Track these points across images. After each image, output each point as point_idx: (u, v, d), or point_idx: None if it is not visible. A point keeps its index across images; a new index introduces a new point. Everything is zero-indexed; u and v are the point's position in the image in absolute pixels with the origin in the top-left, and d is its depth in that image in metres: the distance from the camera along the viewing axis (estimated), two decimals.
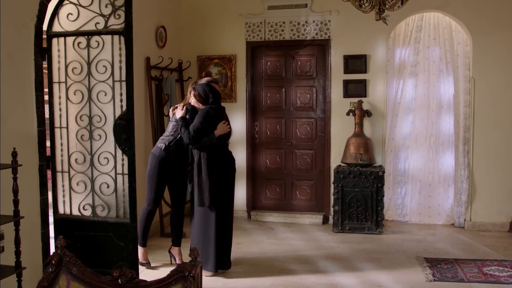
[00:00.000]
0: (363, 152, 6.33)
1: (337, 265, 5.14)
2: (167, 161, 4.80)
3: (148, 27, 6.16)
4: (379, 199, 6.27)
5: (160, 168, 4.81)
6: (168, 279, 1.76)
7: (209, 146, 4.62)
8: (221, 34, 7.06)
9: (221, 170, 4.74)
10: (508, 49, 6.32)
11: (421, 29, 6.76)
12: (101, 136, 3.90)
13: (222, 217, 4.74)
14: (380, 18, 4.52)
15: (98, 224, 3.93)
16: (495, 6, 6.33)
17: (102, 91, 3.87)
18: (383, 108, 6.74)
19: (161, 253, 5.45)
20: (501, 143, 6.28)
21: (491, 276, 4.81)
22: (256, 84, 7.12)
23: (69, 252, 1.97)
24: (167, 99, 6.36)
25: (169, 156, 4.79)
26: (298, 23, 6.87)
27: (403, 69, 6.80)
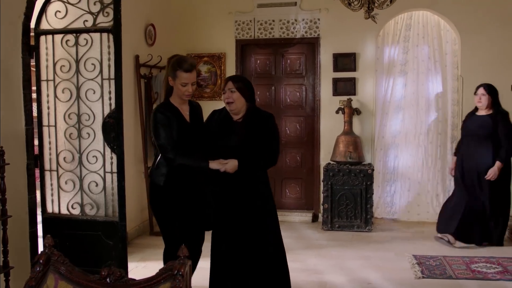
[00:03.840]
0: (352, 150, 6.35)
1: (326, 263, 5.15)
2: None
3: (137, 25, 6.14)
4: (369, 197, 6.29)
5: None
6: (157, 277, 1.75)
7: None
8: (210, 32, 7.05)
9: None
10: (496, 48, 6.37)
11: (410, 28, 6.79)
12: (90, 134, 3.88)
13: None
14: (369, 16, 4.54)
15: (87, 223, 3.91)
16: (483, 5, 6.38)
17: (91, 89, 3.84)
18: (372, 106, 6.76)
19: (150, 251, 5.44)
20: None
21: (479, 272, 4.85)
22: None
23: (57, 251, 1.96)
24: (156, 97, 6.34)
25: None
26: (287, 21, 6.87)
27: (393, 67, 6.83)
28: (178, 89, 3.63)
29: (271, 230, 3.78)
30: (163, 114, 3.58)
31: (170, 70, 3.66)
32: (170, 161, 3.55)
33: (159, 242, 5.40)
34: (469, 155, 5.58)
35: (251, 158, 3.63)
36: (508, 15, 6.34)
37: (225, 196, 3.71)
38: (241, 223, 3.68)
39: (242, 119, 3.71)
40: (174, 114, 3.62)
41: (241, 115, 3.72)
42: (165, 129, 3.55)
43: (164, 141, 3.54)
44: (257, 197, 3.71)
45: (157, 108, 3.73)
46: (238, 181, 3.63)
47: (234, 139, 3.66)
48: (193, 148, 3.66)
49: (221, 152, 3.64)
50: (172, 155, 3.52)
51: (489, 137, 5.47)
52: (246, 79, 3.91)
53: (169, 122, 3.57)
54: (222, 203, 3.72)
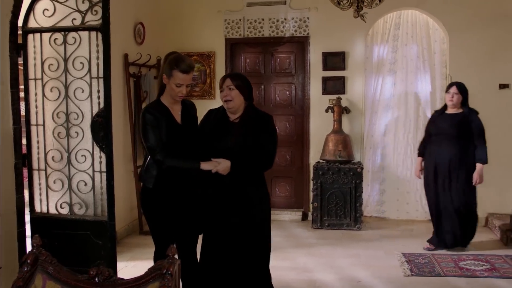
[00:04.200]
0: (341, 149, 6.37)
1: (316, 261, 5.16)
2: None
3: (126, 23, 6.11)
4: (358, 195, 6.31)
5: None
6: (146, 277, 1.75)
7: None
8: (200, 30, 7.04)
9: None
10: (484, 47, 6.42)
11: (399, 27, 6.82)
12: (78, 133, 3.86)
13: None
14: (358, 15, 4.56)
15: (76, 222, 3.89)
16: (471, 5, 6.42)
17: (79, 88, 3.82)
18: (361, 105, 6.79)
19: (140, 251, 5.42)
20: None
21: (467, 270, 4.88)
22: None
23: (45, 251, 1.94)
24: (145, 96, 6.32)
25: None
26: (277, 20, 6.87)
27: (382, 66, 6.86)
28: (171, 89, 3.46)
29: (264, 235, 3.68)
30: (151, 114, 3.43)
31: (166, 67, 3.46)
32: (159, 163, 3.41)
33: (148, 242, 5.38)
34: (442, 155, 5.33)
35: (245, 160, 3.49)
36: (496, 14, 6.39)
37: (217, 198, 3.57)
38: (233, 227, 3.55)
39: (239, 120, 3.58)
40: (163, 114, 3.46)
41: (238, 114, 3.59)
42: (153, 130, 3.40)
43: (153, 143, 3.40)
44: (251, 200, 3.56)
45: (146, 108, 3.56)
46: (231, 183, 3.50)
47: (230, 140, 3.52)
48: (184, 149, 3.51)
49: (217, 153, 3.50)
50: (161, 157, 3.39)
51: (462, 136, 5.27)
52: (244, 76, 3.76)
53: (158, 122, 3.41)
54: (213, 206, 3.58)
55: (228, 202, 3.55)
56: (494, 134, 6.28)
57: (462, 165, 5.26)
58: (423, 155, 5.57)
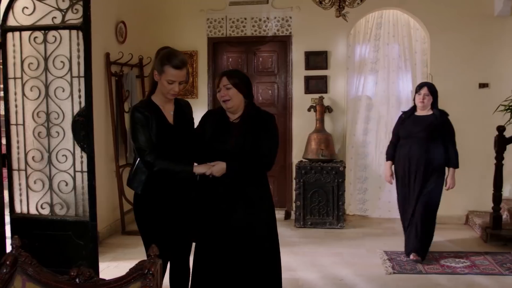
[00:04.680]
0: (324, 148, 6.40)
1: (299, 260, 5.18)
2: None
3: (108, 22, 6.07)
4: (340, 194, 6.34)
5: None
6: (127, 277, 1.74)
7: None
8: (182, 29, 7.01)
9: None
10: (463, 46, 6.49)
11: (380, 26, 6.86)
12: (59, 133, 3.82)
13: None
14: (340, 14, 4.58)
15: (57, 223, 3.85)
16: (452, 5, 6.49)
17: (60, 87, 3.78)
18: (344, 104, 6.82)
19: (122, 251, 5.39)
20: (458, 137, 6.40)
21: (448, 267, 4.94)
22: None
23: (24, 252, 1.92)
24: (127, 95, 6.28)
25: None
26: (259, 19, 6.88)
27: (364, 65, 6.90)
28: (163, 86, 3.25)
29: (271, 238, 3.42)
30: (141, 113, 3.21)
31: (157, 63, 3.26)
32: (149, 166, 3.18)
33: (131, 242, 5.37)
34: (413, 159, 5.02)
35: (241, 161, 3.25)
36: (475, 14, 6.46)
37: (212, 204, 3.32)
38: (234, 232, 3.28)
39: (240, 120, 3.35)
40: (154, 113, 3.24)
41: (239, 114, 3.37)
42: (143, 130, 3.18)
43: (142, 144, 3.18)
44: (251, 201, 3.31)
45: (135, 106, 3.33)
46: (229, 183, 3.26)
47: (230, 142, 3.28)
48: (176, 152, 3.28)
49: (217, 155, 3.25)
50: (150, 159, 3.15)
51: (433, 139, 5.00)
52: (242, 73, 3.56)
53: (148, 122, 3.19)
54: (208, 212, 3.33)
55: (224, 208, 3.28)
56: (474, 133, 6.39)
57: (433, 170, 4.99)
58: (392, 158, 5.28)
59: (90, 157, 3.75)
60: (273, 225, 3.45)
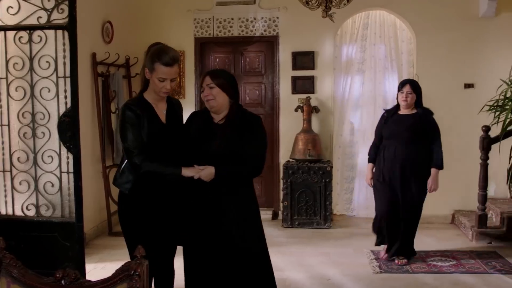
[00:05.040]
0: (311, 148, 6.41)
1: (286, 260, 5.18)
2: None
3: (94, 22, 6.03)
4: (328, 194, 6.36)
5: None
6: (113, 278, 1.73)
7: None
8: (169, 30, 6.99)
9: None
10: (449, 47, 6.54)
11: (367, 27, 6.90)
12: (45, 133, 3.79)
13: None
14: (327, 15, 4.60)
15: (43, 224, 3.82)
16: (438, 6, 6.54)
17: (46, 88, 3.75)
18: (331, 104, 6.85)
19: (109, 252, 5.37)
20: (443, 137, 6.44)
21: (434, 266, 4.97)
22: None
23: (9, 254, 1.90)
24: (114, 96, 6.25)
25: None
26: (246, 19, 6.88)
27: (350, 66, 6.93)
28: (154, 84, 3.14)
29: (258, 238, 3.38)
30: (132, 111, 3.07)
31: (148, 60, 3.14)
32: (135, 167, 3.08)
33: (118, 243, 5.33)
34: (396, 160, 4.86)
35: (230, 166, 3.16)
36: (460, 15, 6.52)
37: (200, 207, 3.21)
38: (218, 238, 3.18)
39: (224, 121, 3.23)
40: (146, 112, 3.12)
41: (223, 115, 3.24)
42: (133, 129, 3.06)
43: (131, 144, 3.07)
44: (236, 206, 3.22)
45: (126, 104, 3.19)
46: (215, 191, 3.16)
47: (214, 145, 3.16)
48: (167, 152, 3.18)
49: (200, 159, 3.15)
50: (138, 160, 3.05)
51: (417, 139, 4.86)
52: (227, 72, 3.45)
53: (139, 121, 3.07)
54: (196, 215, 3.22)
55: (212, 212, 3.19)
56: (459, 132, 6.44)
57: (417, 171, 4.85)
58: (374, 161, 5.10)
59: (76, 157, 3.73)
60: (261, 226, 3.42)
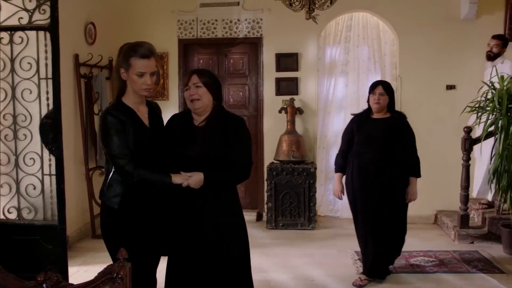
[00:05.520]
0: (295, 149, 6.43)
1: (271, 261, 5.19)
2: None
3: (76, 23, 5.99)
4: (312, 195, 6.38)
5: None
6: (96, 281, 1.71)
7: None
8: (152, 31, 6.96)
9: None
10: (431, 49, 6.61)
11: (350, 29, 6.93)
12: (27, 135, 3.75)
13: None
14: (310, 17, 4.61)
15: (24, 227, 3.77)
16: (420, 8, 6.61)
17: (27, 89, 3.71)
18: (314, 105, 6.87)
19: (92, 255, 5.32)
20: (426, 138, 6.53)
21: (417, 266, 5.01)
22: None
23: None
24: (97, 97, 6.21)
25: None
26: (230, 21, 6.88)
27: (334, 67, 6.96)
28: (134, 83, 2.96)
29: (238, 251, 3.23)
30: (114, 117, 2.89)
31: (122, 59, 2.97)
32: (127, 176, 2.88)
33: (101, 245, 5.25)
34: (370, 170, 4.40)
35: (219, 171, 3.04)
36: (442, 17, 6.60)
37: (183, 213, 3.09)
38: (201, 244, 3.08)
39: (205, 123, 3.11)
40: (129, 117, 2.94)
41: (205, 117, 3.13)
42: (118, 136, 2.87)
43: (119, 151, 2.87)
44: (220, 211, 3.10)
45: (108, 110, 2.98)
46: (198, 196, 3.03)
47: (195, 148, 3.04)
48: (154, 158, 3.02)
49: (181, 163, 3.03)
50: (130, 168, 2.86)
51: (393, 145, 4.42)
52: (212, 72, 3.33)
53: (124, 127, 2.89)
54: (179, 222, 3.10)
55: (197, 220, 3.07)
56: (442, 133, 6.51)
57: (394, 182, 4.42)
58: (343, 170, 4.64)
59: (58, 160, 3.69)
60: (244, 230, 3.32)
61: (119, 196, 2.96)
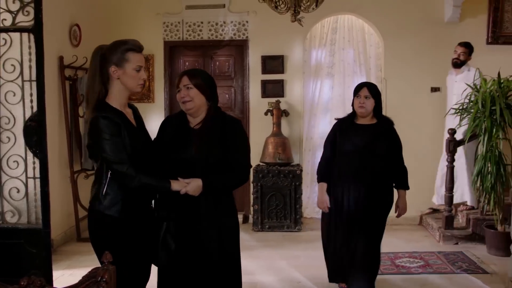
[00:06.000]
0: (281, 152, 6.44)
1: (257, 264, 5.19)
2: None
3: (61, 25, 5.95)
4: (298, 197, 6.39)
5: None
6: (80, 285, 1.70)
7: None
8: (138, 33, 6.91)
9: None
10: (416, 51, 6.67)
11: (336, 31, 6.97)
12: (10, 138, 3.71)
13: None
14: (296, 19, 4.62)
15: (8, 231, 3.73)
16: (404, 11, 6.67)
17: (11, 91, 3.68)
18: (300, 108, 6.89)
19: (77, 258, 5.29)
20: (411, 140, 6.57)
21: (403, 267, 5.05)
22: (174, 84, 7.01)
23: None
24: (82, 100, 6.17)
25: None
26: (216, 23, 6.88)
27: (320, 70, 6.99)
28: (131, 78, 2.84)
29: (230, 259, 3.22)
30: (108, 119, 2.73)
31: (114, 55, 2.87)
32: (130, 181, 2.73)
33: (87, 249, 5.24)
34: (354, 182, 3.99)
35: (217, 176, 2.94)
36: (426, 20, 6.66)
37: (180, 223, 2.98)
38: (195, 253, 3.00)
39: (201, 125, 3.02)
40: (121, 119, 2.80)
41: (200, 119, 3.04)
42: (115, 140, 2.73)
43: (117, 156, 2.72)
44: (215, 220, 3.03)
45: (99, 112, 2.77)
46: (198, 204, 2.94)
47: (190, 150, 2.94)
48: (149, 162, 2.90)
49: (175, 166, 2.94)
50: (132, 172, 2.71)
51: (380, 153, 4.00)
52: (205, 72, 3.23)
53: (120, 130, 2.75)
54: (176, 233, 2.98)
55: (193, 228, 2.98)
56: (426, 135, 6.56)
57: (379, 196, 4.04)
58: (327, 179, 4.21)
59: (43, 162, 3.66)
60: (237, 239, 3.33)
61: (120, 204, 2.79)
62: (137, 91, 2.99)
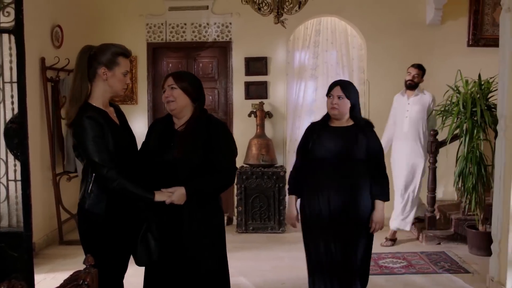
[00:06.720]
0: (265, 153, 6.45)
1: (241, 265, 5.18)
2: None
3: (43, 26, 5.90)
4: (281, 198, 6.40)
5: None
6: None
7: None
8: (121, 34, 6.89)
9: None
10: (398, 53, 6.72)
11: (319, 33, 7.00)
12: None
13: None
14: (279, 21, 4.63)
15: None
16: (387, 13, 6.72)
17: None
18: (284, 109, 6.91)
19: (60, 262, 5.24)
20: None
21: (386, 268, 5.08)
22: (157, 86, 7.02)
23: None
24: (64, 101, 6.11)
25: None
26: (199, 24, 6.87)
27: (303, 71, 7.01)
28: (118, 82, 2.91)
29: (216, 264, 3.21)
30: (92, 119, 2.78)
31: (105, 57, 2.89)
32: (109, 183, 2.77)
33: (69, 252, 5.22)
34: (329, 192, 3.47)
35: (201, 181, 2.94)
36: (408, 22, 6.73)
37: (162, 225, 2.97)
38: (180, 258, 3.01)
39: (185, 127, 3.01)
40: (104, 119, 2.84)
41: (184, 120, 3.04)
42: (98, 140, 2.78)
43: (100, 157, 2.76)
44: (200, 224, 3.03)
45: (84, 113, 2.82)
46: (181, 207, 2.93)
47: (173, 152, 2.93)
48: (133, 162, 2.94)
49: (158, 168, 2.95)
50: (112, 175, 2.75)
51: (359, 159, 3.47)
52: (192, 75, 3.25)
53: (103, 131, 2.80)
54: (157, 234, 2.96)
55: (177, 228, 2.99)
56: None
57: (357, 206, 3.48)
58: (298, 192, 3.75)
59: (24, 165, 3.62)
60: (224, 242, 3.38)
61: (105, 201, 2.85)
62: (120, 95, 3.08)
